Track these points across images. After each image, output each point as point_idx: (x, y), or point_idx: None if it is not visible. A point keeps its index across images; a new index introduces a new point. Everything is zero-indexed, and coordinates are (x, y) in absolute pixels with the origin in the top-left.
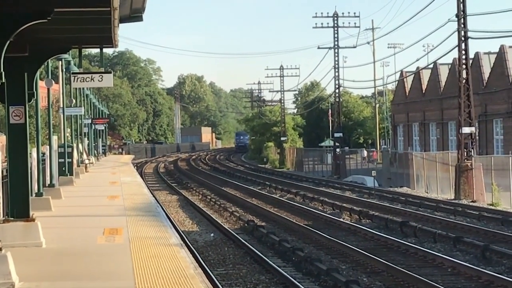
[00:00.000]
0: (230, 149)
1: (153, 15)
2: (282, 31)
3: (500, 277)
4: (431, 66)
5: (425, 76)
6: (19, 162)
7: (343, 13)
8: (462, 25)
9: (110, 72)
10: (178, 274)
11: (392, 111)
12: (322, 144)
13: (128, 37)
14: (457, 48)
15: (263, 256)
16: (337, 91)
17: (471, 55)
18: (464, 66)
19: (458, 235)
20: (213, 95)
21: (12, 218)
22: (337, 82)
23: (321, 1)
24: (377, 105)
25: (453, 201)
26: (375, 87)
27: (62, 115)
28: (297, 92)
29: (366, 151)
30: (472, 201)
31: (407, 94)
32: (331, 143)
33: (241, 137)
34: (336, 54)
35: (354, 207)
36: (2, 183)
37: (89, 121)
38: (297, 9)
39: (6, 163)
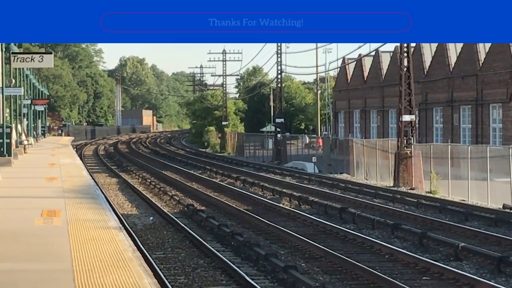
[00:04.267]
0: (171, 132)
1: None
2: None
3: (437, 264)
4: (373, 53)
5: (367, 63)
6: None
7: None
8: None
9: (51, 53)
10: (116, 257)
11: (334, 98)
12: (264, 129)
13: None
14: None
15: (202, 240)
16: (279, 76)
17: (413, 43)
18: (405, 54)
19: (396, 222)
20: (155, 78)
21: None
22: (279, 67)
23: None
24: (319, 92)
25: (392, 188)
26: (317, 74)
27: (1, 95)
28: (239, 77)
29: (308, 137)
30: (411, 189)
31: (348, 81)
32: (273, 128)
33: None
34: None
35: (294, 193)
36: None
37: (29, 101)
38: None
39: None
